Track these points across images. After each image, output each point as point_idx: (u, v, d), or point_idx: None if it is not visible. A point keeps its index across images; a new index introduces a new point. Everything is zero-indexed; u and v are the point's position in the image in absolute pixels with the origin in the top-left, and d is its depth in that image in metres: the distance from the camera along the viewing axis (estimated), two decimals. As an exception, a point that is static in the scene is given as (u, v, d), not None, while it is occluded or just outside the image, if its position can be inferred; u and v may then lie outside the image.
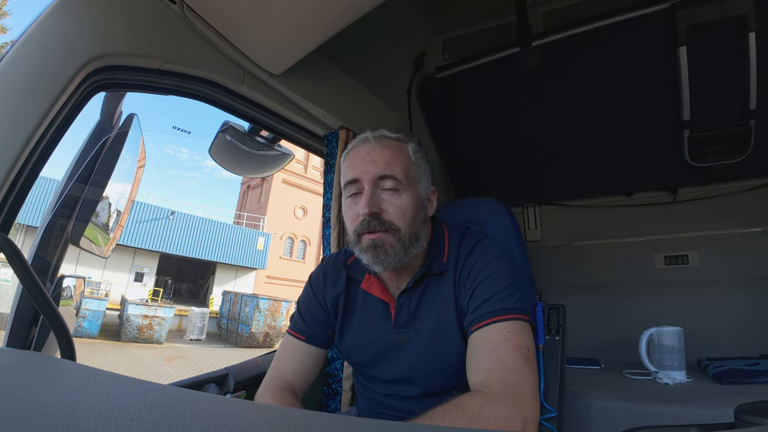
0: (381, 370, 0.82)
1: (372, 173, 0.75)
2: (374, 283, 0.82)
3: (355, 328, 0.84)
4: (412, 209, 0.76)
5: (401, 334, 0.79)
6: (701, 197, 1.93)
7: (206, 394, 0.55)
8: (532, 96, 1.77)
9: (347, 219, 0.81)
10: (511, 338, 0.65)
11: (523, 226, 2.29)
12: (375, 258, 0.74)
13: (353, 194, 0.79)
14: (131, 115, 0.86)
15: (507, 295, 0.70)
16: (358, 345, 0.84)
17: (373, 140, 0.80)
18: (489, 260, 0.75)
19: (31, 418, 0.28)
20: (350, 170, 0.79)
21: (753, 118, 1.53)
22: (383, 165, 0.76)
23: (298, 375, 0.83)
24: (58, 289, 0.80)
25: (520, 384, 0.60)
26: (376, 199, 0.75)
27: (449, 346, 0.75)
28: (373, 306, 0.83)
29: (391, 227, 0.74)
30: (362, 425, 0.36)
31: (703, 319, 1.77)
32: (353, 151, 0.81)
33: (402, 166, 0.77)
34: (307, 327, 0.87)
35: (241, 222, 22.90)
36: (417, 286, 0.80)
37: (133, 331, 10.38)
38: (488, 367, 0.63)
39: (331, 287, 0.88)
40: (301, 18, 0.92)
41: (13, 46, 0.72)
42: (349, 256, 0.88)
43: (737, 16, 1.31)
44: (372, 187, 0.75)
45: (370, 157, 0.77)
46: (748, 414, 0.43)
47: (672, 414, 1.12)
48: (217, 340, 12.76)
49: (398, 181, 0.76)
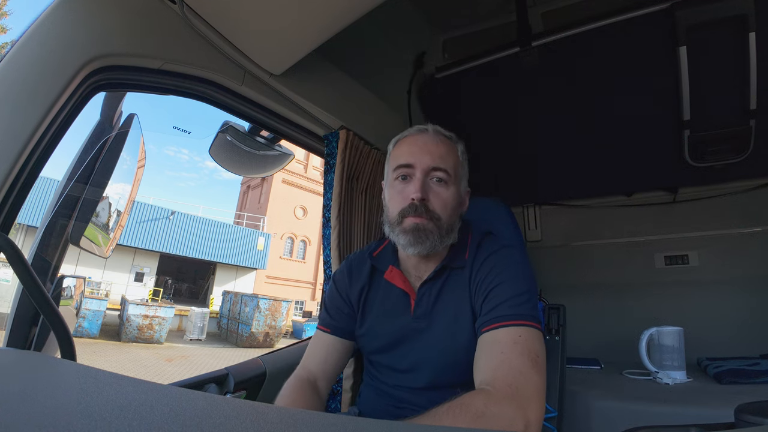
0: (394, 358, 0.84)
1: (427, 163, 0.80)
2: (396, 275, 0.86)
3: (375, 316, 0.88)
4: (453, 202, 0.82)
5: (419, 323, 0.82)
6: (701, 197, 1.93)
7: (206, 394, 0.55)
8: (532, 96, 1.77)
9: (392, 199, 0.84)
10: (521, 342, 0.65)
11: (523, 226, 2.29)
12: (414, 239, 0.78)
13: (402, 177, 0.82)
14: (131, 115, 0.86)
15: (521, 301, 0.71)
16: (376, 332, 0.87)
17: (432, 133, 0.84)
18: (506, 266, 0.77)
19: (31, 418, 0.28)
20: (405, 155, 0.83)
21: (753, 118, 1.53)
22: (438, 158, 0.80)
23: (322, 366, 0.87)
24: (58, 289, 0.79)
25: (526, 387, 0.60)
26: (426, 186, 0.80)
27: (462, 341, 0.77)
28: (395, 296, 0.87)
29: (434, 216, 0.79)
30: (362, 425, 0.36)
31: (703, 319, 1.77)
32: (410, 137, 0.85)
33: (452, 163, 0.82)
34: (332, 320, 0.91)
35: (241, 222, 22.90)
36: (437, 278, 0.83)
37: (134, 331, 10.38)
38: (495, 368, 0.64)
39: (355, 281, 0.92)
40: (301, 18, 0.92)
41: (13, 46, 0.72)
42: (374, 249, 0.95)
43: (737, 16, 1.31)
44: (424, 175, 0.80)
45: (427, 148, 0.81)
46: (748, 414, 0.43)
47: (672, 414, 1.12)
48: (217, 340, 12.77)
49: (448, 175, 0.81)
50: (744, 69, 1.41)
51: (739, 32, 1.34)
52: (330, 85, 1.31)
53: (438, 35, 1.91)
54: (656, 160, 1.84)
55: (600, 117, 1.74)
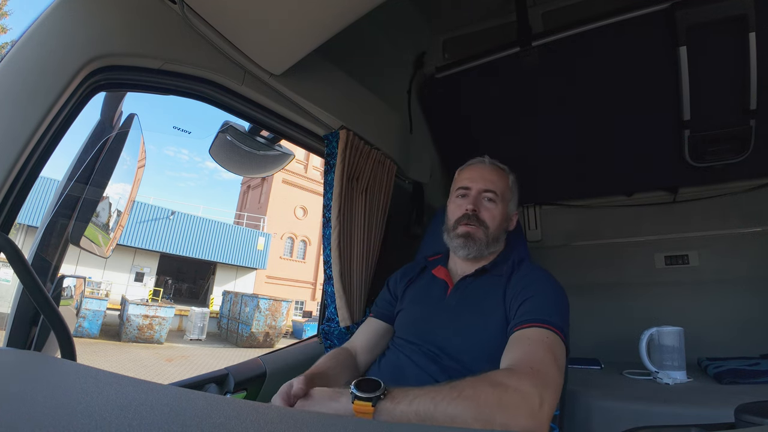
0: (417, 333, 0.92)
1: (480, 185, 1.01)
2: (442, 271, 1.03)
3: (414, 297, 1.02)
4: (499, 217, 1.00)
5: (451, 306, 0.93)
6: (701, 197, 1.93)
7: (206, 394, 0.55)
8: (532, 96, 1.77)
9: (451, 212, 1.04)
10: (547, 342, 0.72)
11: (523, 226, 2.29)
12: (465, 242, 0.97)
13: (462, 195, 1.03)
14: (131, 115, 0.86)
15: (553, 312, 0.78)
16: (408, 308, 1.00)
17: (489, 164, 1.06)
18: (544, 284, 0.87)
19: (31, 418, 0.28)
20: (465, 180, 1.04)
21: (753, 118, 1.53)
22: (490, 182, 1.01)
23: (362, 340, 1.01)
24: (59, 289, 0.79)
25: (546, 373, 0.64)
26: (478, 202, 1.00)
27: (490, 331, 0.84)
28: (436, 284, 1.02)
29: (483, 224, 0.98)
30: (362, 425, 0.36)
31: (703, 319, 1.77)
32: (472, 166, 1.07)
33: (502, 187, 1.02)
34: (377, 308, 1.08)
35: (241, 222, 22.89)
36: (477, 277, 0.97)
37: (134, 331, 10.37)
38: (520, 355, 0.70)
39: (406, 276, 1.09)
40: (301, 18, 0.92)
41: (13, 46, 0.72)
42: (430, 255, 1.15)
43: (737, 16, 1.31)
44: (477, 194, 1.00)
45: (482, 174, 1.03)
46: (748, 414, 0.43)
47: (672, 414, 1.12)
48: (218, 340, 12.76)
49: (497, 195, 1.00)
50: (744, 69, 1.41)
51: (739, 32, 1.34)
52: (330, 85, 1.31)
53: (438, 35, 1.91)
54: (656, 160, 1.84)
55: (600, 117, 1.74)
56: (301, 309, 22.01)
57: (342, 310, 1.26)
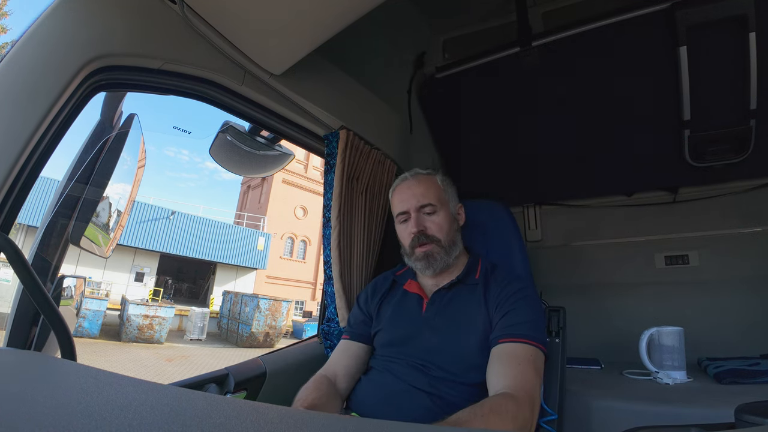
0: (400, 350, 0.94)
1: (414, 203, 1.00)
2: (414, 285, 1.03)
3: (391, 315, 1.02)
4: (447, 223, 1.01)
5: (429, 321, 0.95)
6: (701, 197, 1.93)
7: (206, 394, 0.55)
8: (532, 96, 1.77)
9: (402, 237, 1.05)
10: (532, 361, 0.81)
11: (523, 226, 2.29)
12: (427, 264, 0.98)
13: (404, 220, 1.03)
14: (131, 115, 0.86)
15: (536, 327, 0.86)
16: (387, 327, 1.00)
17: (413, 177, 1.05)
18: (525, 293, 0.91)
19: (31, 418, 0.28)
20: (398, 204, 1.04)
21: (753, 118, 1.53)
22: (422, 196, 1.00)
23: (340, 365, 0.99)
24: (59, 289, 0.79)
25: (536, 397, 0.77)
26: (420, 221, 0.99)
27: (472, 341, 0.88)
28: (409, 300, 1.02)
29: (434, 239, 0.98)
30: (362, 425, 0.36)
31: (703, 319, 1.77)
32: (399, 188, 1.06)
33: (435, 194, 1.01)
34: (352, 329, 1.07)
35: (241, 222, 22.89)
36: (450, 289, 0.98)
37: (134, 331, 10.37)
38: (515, 376, 0.77)
39: (377, 293, 1.09)
40: (301, 18, 0.92)
41: (13, 46, 0.72)
42: (398, 270, 1.13)
43: (737, 16, 1.31)
44: (416, 213, 1.00)
45: (411, 192, 1.02)
46: (748, 414, 0.43)
47: (672, 414, 1.12)
48: (218, 340, 12.76)
49: (433, 205, 1.00)
50: (744, 69, 1.41)
51: (739, 32, 1.34)
52: (330, 85, 1.31)
53: (438, 35, 1.91)
54: (656, 160, 1.84)
55: (600, 117, 1.74)
56: (301, 309, 22.01)
57: (342, 310, 1.26)
